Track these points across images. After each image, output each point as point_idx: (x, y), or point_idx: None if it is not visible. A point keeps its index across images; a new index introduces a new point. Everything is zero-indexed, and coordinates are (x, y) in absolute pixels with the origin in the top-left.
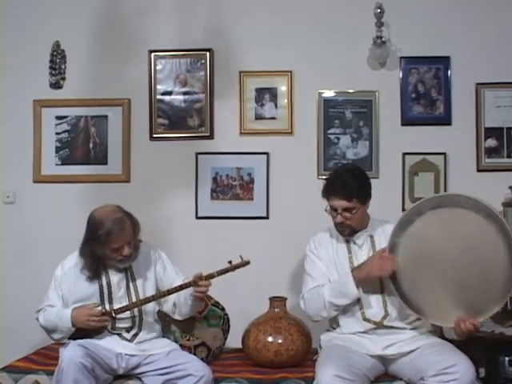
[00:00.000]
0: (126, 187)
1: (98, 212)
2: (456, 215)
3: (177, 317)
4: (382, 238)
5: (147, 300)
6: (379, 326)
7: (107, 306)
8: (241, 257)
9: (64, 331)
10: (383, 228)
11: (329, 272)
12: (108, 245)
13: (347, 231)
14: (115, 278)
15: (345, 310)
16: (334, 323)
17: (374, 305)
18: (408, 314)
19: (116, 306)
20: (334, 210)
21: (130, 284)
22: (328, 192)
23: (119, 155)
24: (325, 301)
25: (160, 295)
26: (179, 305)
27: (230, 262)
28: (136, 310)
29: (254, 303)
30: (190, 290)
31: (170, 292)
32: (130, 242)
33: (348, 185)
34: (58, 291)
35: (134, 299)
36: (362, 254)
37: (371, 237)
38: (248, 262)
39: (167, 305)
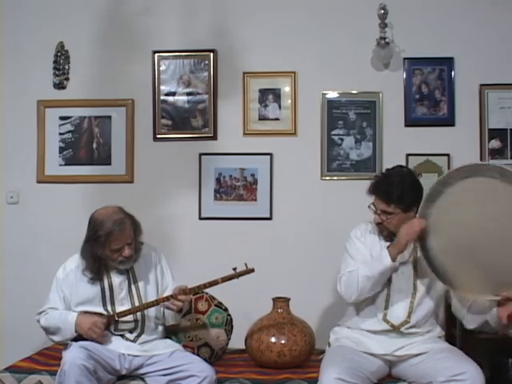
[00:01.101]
0: (130, 188)
1: (99, 213)
2: (487, 185)
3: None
4: None
5: (150, 304)
6: (395, 329)
7: (109, 308)
8: (246, 264)
9: (66, 334)
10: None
11: (369, 256)
12: (108, 245)
13: (385, 233)
14: (117, 279)
15: (369, 302)
16: (350, 316)
17: (400, 308)
18: (430, 328)
19: (118, 309)
20: (374, 208)
21: (132, 286)
22: (372, 190)
23: (123, 156)
24: (358, 276)
25: (153, 303)
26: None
27: (234, 269)
28: (138, 313)
29: (257, 304)
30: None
31: (157, 302)
32: (131, 244)
33: (391, 189)
34: (60, 293)
35: (136, 301)
36: (402, 255)
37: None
38: (252, 270)
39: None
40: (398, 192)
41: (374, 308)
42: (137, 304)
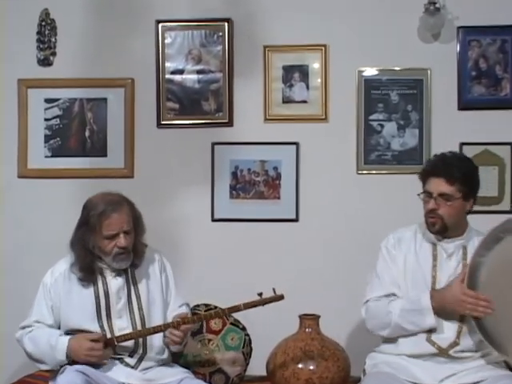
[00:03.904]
0: (129, 183)
1: (94, 196)
2: None
3: None
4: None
5: (152, 331)
6: (443, 353)
7: (105, 324)
8: (274, 290)
9: (54, 363)
10: (478, 239)
11: (403, 278)
12: (100, 230)
13: (437, 226)
14: (114, 286)
15: None
16: (388, 338)
17: (447, 328)
18: (484, 346)
19: (115, 323)
20: (427, 195)
21: (132, 295)
22: (428, 172)
23: (121, 146)
24: (392, 321)
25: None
26: None
27: (260, 295)
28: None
29: (280, 322)
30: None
31: (155, 330)
32: (129, 233)
33: (453, 167)
34: (48, 302)
35: (136, 315)
36: (449, 265)
37: (464, 248)
38: (282, 297)
39: None
40: (463, 171)
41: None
42: (137, 318)
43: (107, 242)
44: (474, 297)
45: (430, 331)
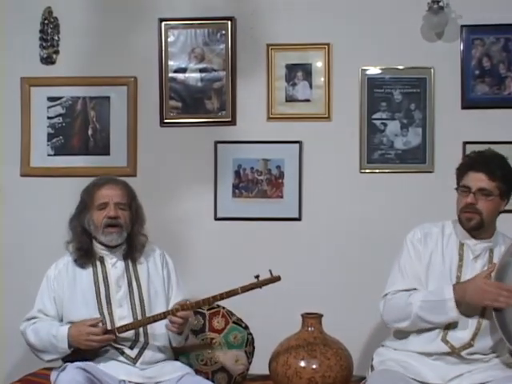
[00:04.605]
0: (132, 182)
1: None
2: None
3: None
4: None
5: (151, 319)
6: (455, 353)
7: (105, 310)
8: (270, 271)
9: (58, 352)
10: (505, 242)
11: (426, 273)
12: (93, 202)
13: (474, 221)
14: (113, 273)
15: None
16: (400, 334)
17: (464, 328)
18: (501, 347)
19: (116, 311)
20: (465, 189)
21: (134, 284)
22: (468, 166)
23: (123, 144)
24: (412, 312)
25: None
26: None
27: (256, 277)
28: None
29: (283, 320)
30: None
31: (154, 318)
32: (123, 209)
33: (494, 164)
34: (51, 293)
35: (136, 304)
36: (475, 266)
37: (491, 251)
38: (278, 278)
39: None
40: (504, 169)
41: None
42: (138, 308)
43: (98, 214)
44: (496, 287)
45: (448, 328)
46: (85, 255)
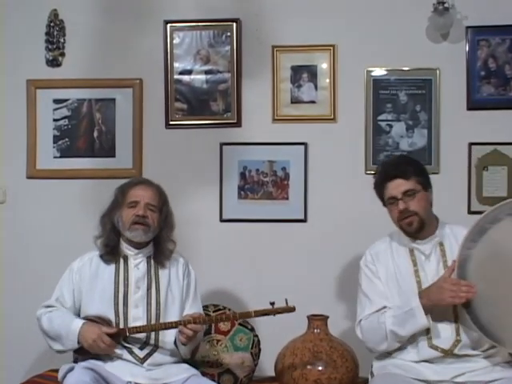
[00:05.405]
0: None
1: None
2: None
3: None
4: (454, 246)
5: (163, 326)
6: (448, 354)
7: (120, 310)
8: (286, 301)
9: (67, 344)
10: (454, 233)
11: (388, 289)
12: (124, 200)
13: (415, 223)
14: (135, 274)
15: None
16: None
17: (444, 329)
18: (484, 341)
19: (131, 311)
20: (392, 200)
21: (153, 287)
22: (382, 179)
23: (129, 146)
24: (386, 330)
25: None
26: None
27: (272, 304)
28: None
29: (289, 322)
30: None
31: (166, 326)
32: (153, 210)
33: (401, 164)
34: (71, 285)
35: (153, 308)
36: (430, 266)
37: (441, 244)
38: (293, 309)
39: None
40: (412, 164)
41: (413, 338)
42: (153, 311)
43: (128, 211)
44: (455, 284)
45: (429, 334)
46: (111, 252)
